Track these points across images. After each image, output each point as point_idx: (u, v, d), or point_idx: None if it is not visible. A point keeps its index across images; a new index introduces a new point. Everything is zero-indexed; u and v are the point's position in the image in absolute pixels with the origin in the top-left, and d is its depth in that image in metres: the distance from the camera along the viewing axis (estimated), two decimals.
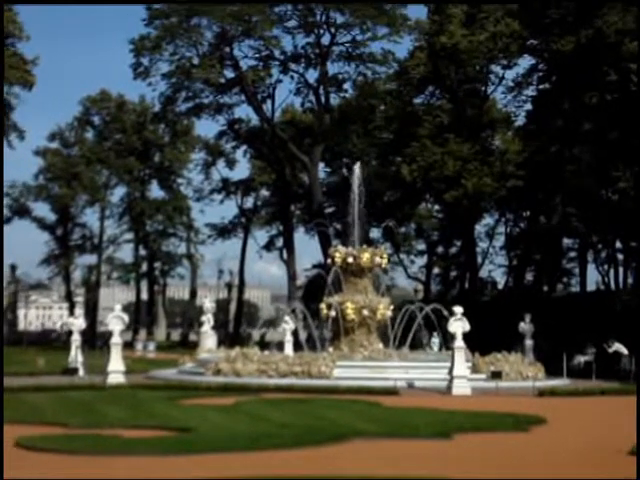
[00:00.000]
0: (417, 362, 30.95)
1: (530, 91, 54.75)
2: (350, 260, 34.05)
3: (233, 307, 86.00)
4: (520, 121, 58.51)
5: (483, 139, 55.57)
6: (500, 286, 72.59)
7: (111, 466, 11.93)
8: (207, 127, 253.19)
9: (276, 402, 21.34)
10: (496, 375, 28.22)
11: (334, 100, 66.02)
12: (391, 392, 24.04)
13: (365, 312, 33.16)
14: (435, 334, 36.99)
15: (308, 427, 16.04)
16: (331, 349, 32.52)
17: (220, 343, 40.27)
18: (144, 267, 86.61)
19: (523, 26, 48.84)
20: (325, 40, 61.60)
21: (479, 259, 66.66)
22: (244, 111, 74.55)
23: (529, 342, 37.49)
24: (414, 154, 52.96)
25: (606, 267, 67.34)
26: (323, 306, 33.76)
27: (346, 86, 65.31)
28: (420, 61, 54.76)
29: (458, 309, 27.23)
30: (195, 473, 11.23)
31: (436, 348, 36.97)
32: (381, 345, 33.42)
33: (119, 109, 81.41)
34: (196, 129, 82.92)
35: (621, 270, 66.13)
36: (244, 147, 76.35)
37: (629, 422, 18.85)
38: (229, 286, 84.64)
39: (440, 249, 76.93)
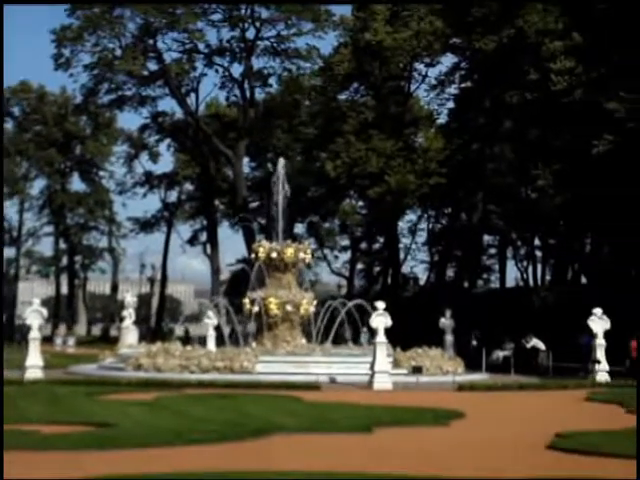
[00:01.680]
0: (339, 357, 31.11)
1: (452, 89, 55.60)
2: (274, 255, 34.05)
3: (155, 302, 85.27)
4: (442, 119, 59.34)
5: (406, 136, 56.11)
6: (422, 282, 73.42)
7: (30, 461, 11.74)
8: (130, 120, 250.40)
9: (198, 397, 21.23)
10: (417, 370, 28.53)
11: (259, 95, 66.03)
12: (313, 387, 24.12)
13: (288, 307, 33.22)
14: (365, 330, 37.23)
15: (229, 422, 16.00)
16: (254, 344, 32.50)
17: (141, 338, 39.89)
18: (64, 261, 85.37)
19: (446, 25, 49.46)
20: (250, 34, 61.56)
21: (402, 255, 67.41)
22: (168, 104, 74.13)
23: (449, 337, 37.99)
24: (338, 150, 53.24)
25: (525, 264, 68.70)
26: (246, 301, 33.71)
27: (271, 81, 65.36)
28: (344, 57, 55.04)
29: (380, 304, 27.43)
30: (115, 468, 11.11)
31: (366, 343, 37.20)
32: (304, 340, 33.54)
33: (40, 100, 79.98)
34: (119, 121, 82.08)
35: (539, 267, 67.53)
36: (168, 140, 75.82)
37: (547, 416, 19.29)
38: (151, 281, 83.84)
39: (364, 245, 77.45)
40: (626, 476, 11.19)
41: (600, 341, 30.66)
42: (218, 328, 37.88)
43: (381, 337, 26.74)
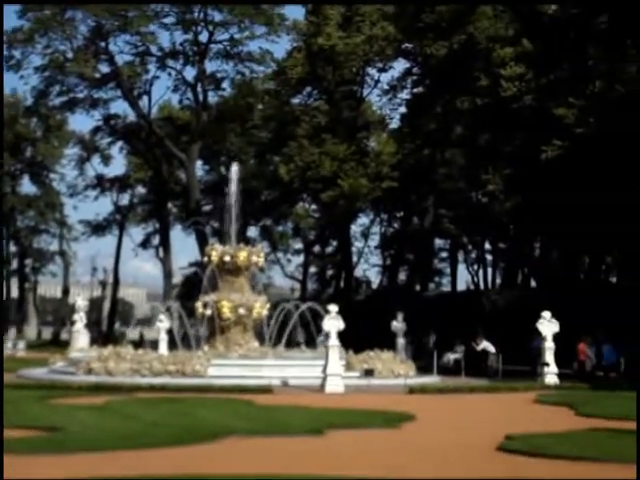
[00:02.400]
0: (292, 360, 31.15)
1: (404, 94, 55.94)
2: (227, 259, 34.00)
3: (107, 305, 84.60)
4: (395, 123, 59.74)
5: (359, 140, 56.40)
6: (374, 285, 73.75)
7: None
8: (82, 122, 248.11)
9: (149, 401, 21.14)
10: (369, 373, 28.65)
11: (212, 98, 65.92)
12: (265, 390, 24.13)
13: (241, 311, 33.18)
14: (323, 335, 37.21)
15: (180, 426, 15.97)
16: (206, 348, 32.41)
17: (93, 342, 39.54)
18: (14, 264, 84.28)
19: (398, 30, 49.82)
20: (203, 38, 61.46)
21: (354, 258, 67.71)
22: (120, 107, 73.75)
23: (401, 340, 38.20)
24: (291, 154, 53.37)
25: (475, 267, 69.42)
26: (199, 304, 33.61)
27: (224, 84, 65.36)
28: (298, 62, 55.16)
29: (333, 308, 27.51)
30: (63, 472, 11.06)
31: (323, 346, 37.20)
32: (257, 343, 33.51)
33: None
34: (70, 124, 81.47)
35: (490, 270, 68.26)
36: (120, 143, 75.34)
37: (496, 418, 19.53)
38: (103, 284, 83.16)
39: (317, 248, 77.64)
40: (572, 477, 11.38)
41: (549, 344, 31.06)
42: (170, 332, 37.71)
43: (333, 340, 26.84)
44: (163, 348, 34.58)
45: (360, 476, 11.09)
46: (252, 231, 71.63)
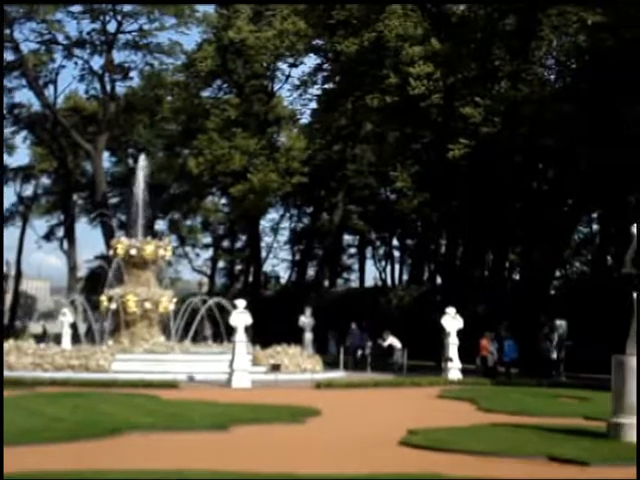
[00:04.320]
0: (198, 355, 31.01)
1: (315, 90, 56.02)
2: (133, 252, 33.58)
3: (9, 299, 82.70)
4: (305, 119, 59.80)
5: (269, 135, 56.36)
6: (283, 280, 73.85)
7: None
8: None
9: (51, 396, 20.78)
10: (275, 368, 28.69)
11: (120, 89, 64.84)
12: (171, 385, 23.95)
13: (147, 305, 32.82)
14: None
15: (83, 421, 15.73)
16: (111, 342, 31.98)
17: None
18: None
19: (308, 26, 49.93)
20: (111, 27, 60.41)
21: (264, 253, 67.58)
22: (25, 96, 71.80)
23: (309, 335, 38.29)
24: (201, 147, 53.00)
25: (383, 263, 70.09)
26: (104, 298, 33.11)
27: (133, 75, 64.28)
28: (208, 54, 54.76)
29: (241, 303, 27.49)
30: None
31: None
32: (163, 338, 33.20)
33: None
34: None
35: (397, 267, 69.04)
36: (24, 133, 73.50)
37: (400, 413, 19.76)
38: (5, 277, 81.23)
39: (226, 243, 77.25)
40: (473, 471, 11.58)
41: (453, 339, 31.58)
42: (74, 326, 37.07)
43: (241, 335, 26.80)
44: (66, 342, 33.95)
45: (262, 471, 11.09)
46: (160, 224, 70.98)
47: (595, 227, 51.84)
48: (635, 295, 14.88)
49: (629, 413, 14.36)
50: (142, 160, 37.31)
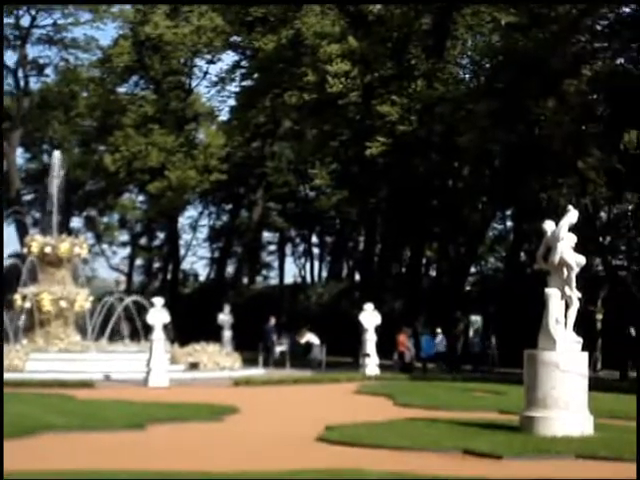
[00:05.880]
0: (115, 354, 30.67)
1: (233, 87, 55.85)
2: (48, 250, 33.04)
3: None
4: (224, 116, 59.58)
5: (187, 132, 55.93)
6: (202, 278, 73.44)
7: None
8: None
9: None
10: (194, 366, 28.58)
11: (34, 84, 63.68)
12: (86, 385, 23.66)
13: (62, 303, 32.33)
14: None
15: None
16: (25, 341, 31.41)
17: None
18: None
19: (226, 22, 49.79)
20: (25, 22, 59.26)
21: (182, 251, 67.07)
22: None
23: (227, 333, 38.14)
24: (117, 143, 52.34)
25: (303, 260, 70.26)
26: (17, 297, 32.51)
27: (47, 71, 63.21)
28: (124, 50, 54.05)
29: (158, 301, 27.31)
30: None
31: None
32: (79, 337, 32.75)
33: None
34: None
35: (317, 264, 69.32)
36: None
37: (319, 409, 19.87)
38: None
39: (143, 240, 76.42)
40: (390, 466, 11.70)
41: (371, 335, 31.84)
42: None
43: (158, 333, 26.60)
44: None
45: (178, 470, 11.04)
46: (76, 222, 69.81)
47: (509, 224, 52.85)
48: (546, 291, 15.24)
49: (541, 407, 14.71)
50: (57, 156, 36.67)
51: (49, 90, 62.96)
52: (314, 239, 68.86)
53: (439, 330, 35.96)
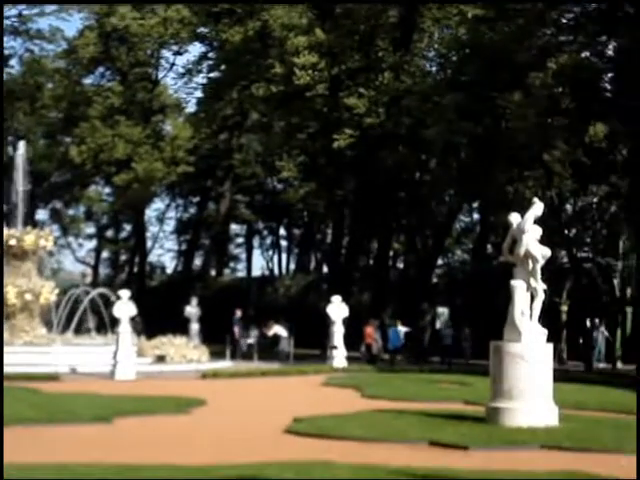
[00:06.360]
0: (81, 347, 30.49)
1: (200, 78, 55.60)
2: (12, 242, 32.74)
3: None
4: (191, 107, 59.33)
5: (154, 124, 55.62)
6: (169, 270, 73.17)
7: None
8: None
9: None
10: (160, 359, 28.51)
11: None
12: (52, 378, 23.54)
13: (27, 296, 32.06)
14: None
15: None
16: None
17: None
18: None
19: (193, 13, 49.56)
20: None
21: (149, 243, 66.79)
22: None
23: (195, 326, 38.02)
24: (83, 135, 51.95)
25: (270, 253, 70.24)
26: None
27: (12, 62, 62.53)
28: (90, 41, 53.60)
29: (125, 293, 27.20)
30: None
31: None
32: (44, 330, 32.53)
33: None
34: None
35: (284, 256, 69.34)
36: None
37: (286, 401, 19.92)
38: None
39: (110, 233, 75.95)
40: (355, 458, 11.74)
41: (338, 328, 31.90)
42: None
43: (124, 326, 26.50)
44: None
45: (145, 463, 11.02)
46: (41, 214, 69.22)
47: (475, 216, 53.18)
48: (512, 283, 15.36)
49: (506, 398, 14.84)
50: (22, 148, 36.42)
51: (14, 81, 62.30)
52: (282, 231, 68.90)
53: (399, 322, 35.78)
